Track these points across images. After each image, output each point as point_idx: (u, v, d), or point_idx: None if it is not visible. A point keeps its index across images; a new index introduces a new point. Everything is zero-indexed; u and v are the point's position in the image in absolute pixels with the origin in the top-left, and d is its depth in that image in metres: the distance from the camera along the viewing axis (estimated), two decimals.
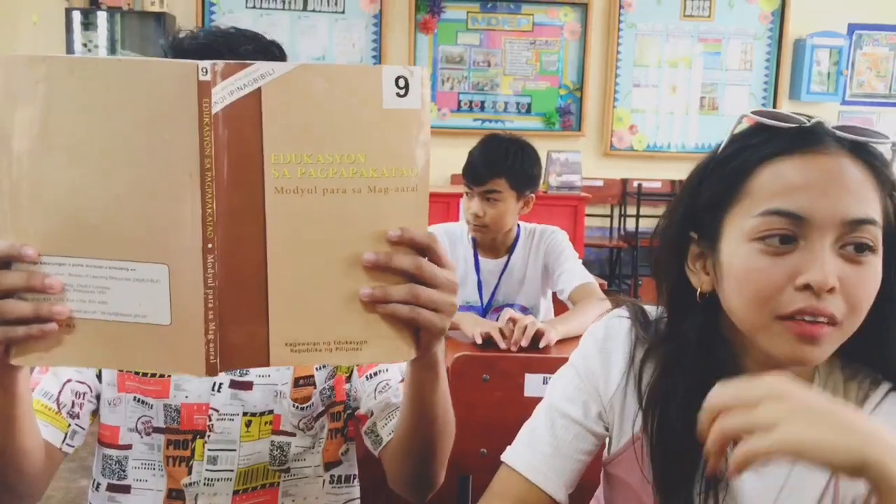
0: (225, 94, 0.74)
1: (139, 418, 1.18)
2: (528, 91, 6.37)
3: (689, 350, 0.94)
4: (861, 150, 0.86)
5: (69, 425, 1.15)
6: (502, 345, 1.86)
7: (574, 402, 1.03)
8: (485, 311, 2.34)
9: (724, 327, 0.93)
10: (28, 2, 5.95)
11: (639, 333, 1.01)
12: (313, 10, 6.15)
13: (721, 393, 0.74)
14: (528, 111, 6.39)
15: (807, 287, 0.82)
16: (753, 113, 0.91)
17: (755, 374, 0.90)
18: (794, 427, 0.69)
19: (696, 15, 6.38)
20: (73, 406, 1.16)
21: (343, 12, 6.17)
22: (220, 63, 0.75)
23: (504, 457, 1.04)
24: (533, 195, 2.30)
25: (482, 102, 6.36)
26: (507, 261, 2.35)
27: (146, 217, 0.76)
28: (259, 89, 0.76)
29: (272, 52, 1.15)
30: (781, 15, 6.38)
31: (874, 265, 0.84)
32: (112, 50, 5.97)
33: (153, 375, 1.18)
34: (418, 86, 0.78)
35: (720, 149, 0.93)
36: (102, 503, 1.21)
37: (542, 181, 2.32)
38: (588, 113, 6.40)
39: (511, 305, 2.36)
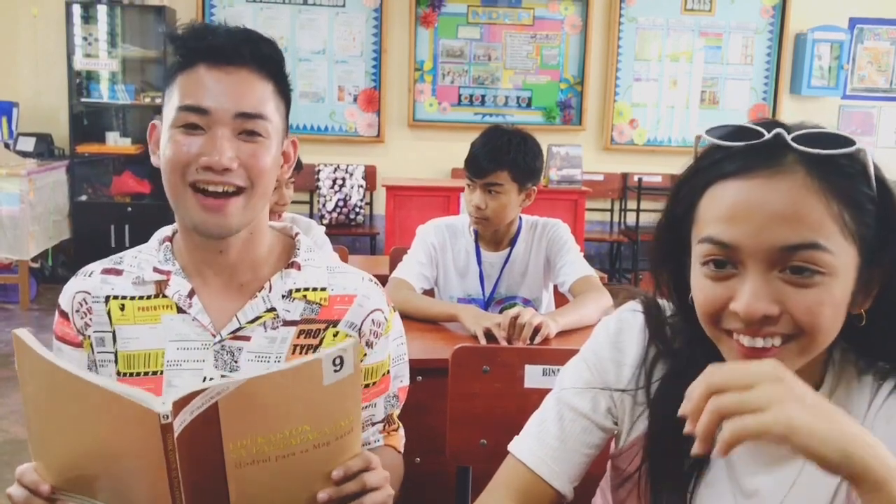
0: (185, 417, 0.85)
1: None
2: (529, 85, 6.36)
3: (699, 358, 0.93)
4: (822, 165, 0.83)
5: None
6: (503, 342, 1.86)
7: (583, 395, 1.02)
8: (487, 303, 2.34)
9: None
10: None
11: (652, 331, 1.00)
12: (313, 4, 6.14)
13: (715, 373, 0.75)
14: (529, 105, 6.38)
15: (752, 318, 0.82)
16: (707, 132, 0.88)
17: None
18: (788, 410, 0.70)
19: (697, 9, 6.37)
20: None
21: (343, 6, 6.16)
22: (178, 397, 0.85)
23: (511, 447, 1.04)
24: (535, 188, 2.30)
25: (483, 96, 6.35)
26: (509, 253, 2.35)
27: (129, 487, 0.91)
28: (216, 402, 0.86)
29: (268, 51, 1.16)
30: (782, 9, 6.37)
31: (826, 286, 0.82)
32: (113, 43, 5.96)
33: (146, 374, 1.18)
34: (351, 355, 0.89)
35: (686, 168, 0.93)
36: None
37: (542, 175, 2.31)
38: (589, 107, 6.39)
39: (513, 298, 2.36)
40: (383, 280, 2.26)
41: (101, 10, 5.91)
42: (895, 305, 0.87)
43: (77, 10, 5.83)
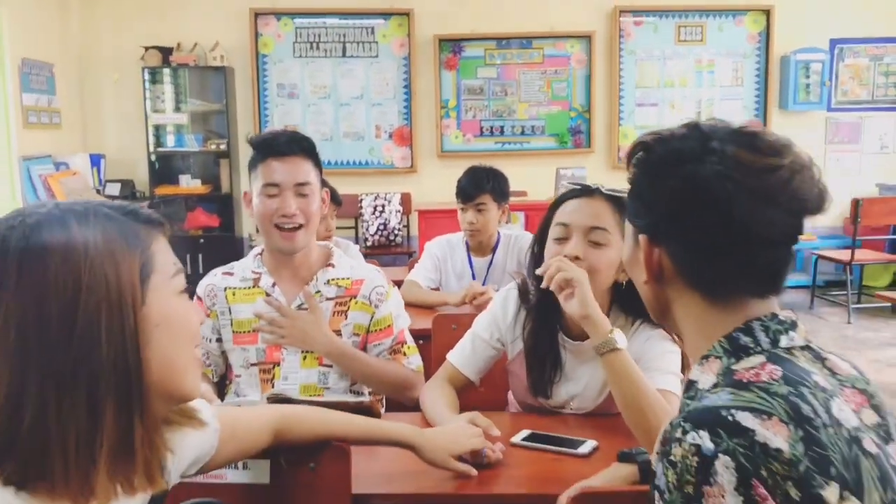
0: None
1: (243, 358, 2.07)
2: (542, 115, 7.21)
3: (543, 310, 1.79)
4: (613, 199, 1.73)
5: (210, 373, 2.12)
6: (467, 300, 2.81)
7: (485, 330, 1.92)
8: None
9: None
10: (110, 62, 7.00)
11: (521, 297, 1.88)
12: (351, 56, 7.09)
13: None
14: (543, 132, 7.22)
15: (567, 258, 1.69)
16: (569, 182, 1.78)
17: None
18: (579, 274, 1.61)
19: (689, 39, 7.15)
20: (206, 362, 2.12)
21: (377, 56, 7.10)
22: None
23: (447, 356, 1.91)
24: (507, 205, 3.19)
25: (501, 127, 7.22)
26: (492, 259, 3.20)
27: None
28: None
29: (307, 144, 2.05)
30: (767, 35, 7.11)
31: (605, 251, 1.71)
32: (182, 100, 6.99)
33: (248, 332, 2.05)
34: None
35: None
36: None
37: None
38: (596, 131, 7.20)
39: None
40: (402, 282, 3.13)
41: (171, 73, 6.93)
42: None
43: (151, 73, 6.86)
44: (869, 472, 0.86)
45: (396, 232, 7.04)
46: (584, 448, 1.60)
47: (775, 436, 0.83)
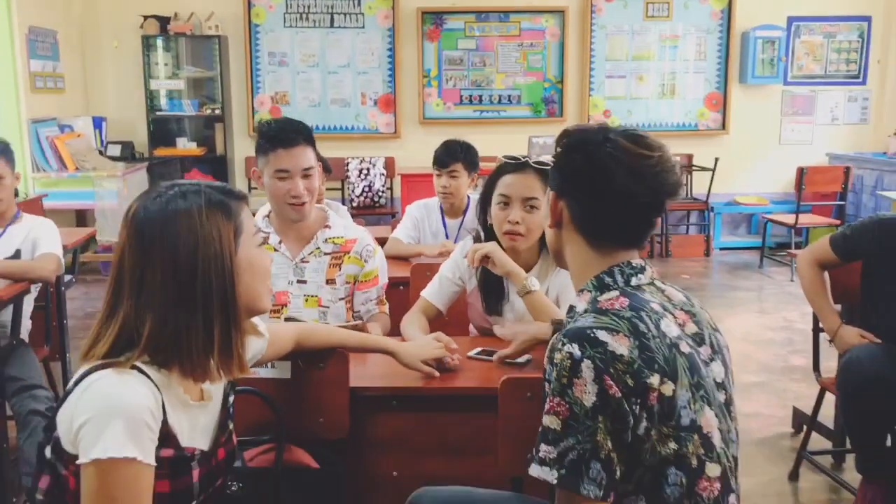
0: None
1: None
2: (518, 85, 7.69)
3: None
4: (540, 171, 2.23)
5: None
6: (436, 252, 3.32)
7: (449, 271, 2.46)
8: None
9: None
10: (110, 30, 7.40)
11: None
12: (339, 27, 7.52)
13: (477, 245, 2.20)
14: (519, 101, 7.71)
15: (510, 222, 2.21)
16: (503, 157, 2.28)
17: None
18: (495, 248, 2.16)
19: (656, 16, 7.63)
20: None
21: (363, 27, 7.53)
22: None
23: (421, 293, 2.45)
24: (477, 174, 3.69)
25: (480, 96, 7.70)
26: (463, 220, 3.72)
27: None
28: None
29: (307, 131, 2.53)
30: (729, 12, 7.60)
31: (537, 214, 2.22)
32: (179, 67, 7.41)
33: None
34: None
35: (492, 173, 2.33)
36: None
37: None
38: (568, 101, 7.70)
39: None
40: (387, 240, 3.66)
41: (169, 41, 7.34)
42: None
43: (149, 41, 7.26)
44: (682, 365, 1.33)
45: (381, 194, 7.54)
46: (522, 360, 2.14)
47: (620, 346, 1.28)
